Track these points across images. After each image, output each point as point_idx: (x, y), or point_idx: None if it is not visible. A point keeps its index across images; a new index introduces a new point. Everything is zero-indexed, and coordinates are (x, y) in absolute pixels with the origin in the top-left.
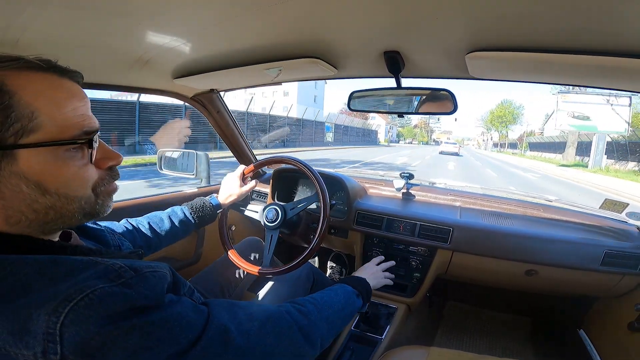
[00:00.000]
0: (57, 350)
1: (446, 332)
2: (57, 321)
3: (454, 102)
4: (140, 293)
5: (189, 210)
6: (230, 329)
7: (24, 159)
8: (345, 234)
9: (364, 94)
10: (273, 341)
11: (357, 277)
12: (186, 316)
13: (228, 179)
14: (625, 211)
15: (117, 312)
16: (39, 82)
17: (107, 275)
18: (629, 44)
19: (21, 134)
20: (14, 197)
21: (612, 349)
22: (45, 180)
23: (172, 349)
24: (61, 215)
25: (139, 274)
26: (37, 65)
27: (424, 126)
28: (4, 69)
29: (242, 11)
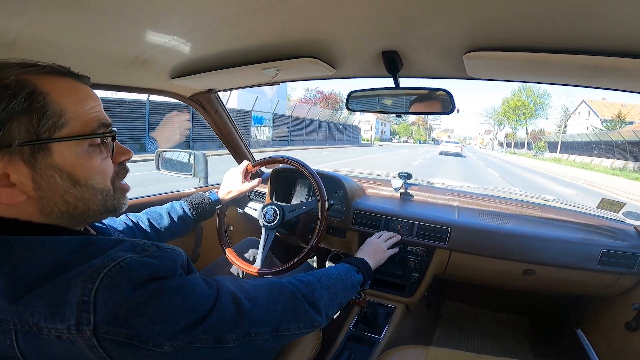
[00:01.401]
0: (90, 321)
1: (444, 331)
2: (92, 287)
3: (452, 102)
4: (163, 264)
5: (188, 206)
6: (240, 297)
7: (57, 152)
8: (344, 233)
9: (361, 94)
10: (281, 308)
11: (356, 257)
12: (200, 285)
13: (230, 174)
14: (622, 211)
15: (144, 279)
16: (63, 85)
17: (134, 249)
18: (628, 43)
19: (53, 129)
20: (49, 188)
21: (609, 349)
22: (75, 172)
23: (192, 316)
24: (87, 208)
25: (160, 249)
26: (58, 70)
27: (422, 123)
28: (33, 73)
29: (240, 11)
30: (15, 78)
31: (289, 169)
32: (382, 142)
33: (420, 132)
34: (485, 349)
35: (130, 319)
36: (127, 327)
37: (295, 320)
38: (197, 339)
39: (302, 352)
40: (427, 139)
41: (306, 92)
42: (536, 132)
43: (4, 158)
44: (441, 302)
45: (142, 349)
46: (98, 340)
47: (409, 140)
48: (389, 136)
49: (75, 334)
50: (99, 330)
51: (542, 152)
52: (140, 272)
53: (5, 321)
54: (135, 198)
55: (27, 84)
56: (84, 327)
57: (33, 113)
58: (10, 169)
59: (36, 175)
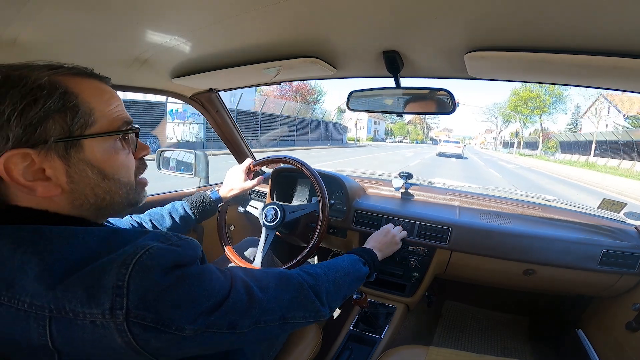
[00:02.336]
0: (123, 305)
1: (445, 331)
2: (125, 272)
3: (453, 102)
4: (185, 252)
5: (189, 206)
6: (252, 286)
7: (88, 148)
8: (344, 233)
9: (362, 94)
10: (289, 296)
11: (364, 247)
12: (215, 273)
13: (233, 171)
14: (623, 211)
15: (170, 266)
16: (90, 85)
17: (158, 238)
18: (629, 43)
19: (85, 127)
20: (81, 181)
21: (609, 349)
22: (104, 166)
23: (210, 302)
24: (113, 201)
25: (181, 239)
26: (83, 71)
27: (419, 122)
28: (62, 74)
29: (241, 10)
30: (48, 79)
31: (290, 169)
32: (372, 142)
33: (417, 132)
34: (485, 349)
35: (156, 303)
36: (154, 311)
37: (301, 309)
38: (214, 324)
39: (303, 352)
40: (424, 139)
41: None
42: (539, 131)
43: (40, 154)
44: (441, 302)
45: (166, 332)
46: (128, 325)
47: (404, 140)
48: (383, 135)
49: (109, 319)
50: (130, 314)
51: (552, 154)
52: (167, 259)
53: (41, 307)
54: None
55: (60, 85)
56: (117, 312)
57: (67, 112)
58: (46, 164)
59: (70, 170)
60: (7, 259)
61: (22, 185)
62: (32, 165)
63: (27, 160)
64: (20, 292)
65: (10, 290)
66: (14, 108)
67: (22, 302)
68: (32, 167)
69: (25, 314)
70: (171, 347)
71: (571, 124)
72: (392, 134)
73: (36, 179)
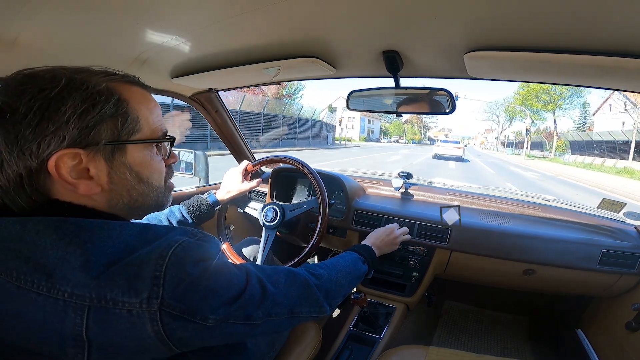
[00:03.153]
0: (159, 294)
1: (444, 331)
2: (162, 263)
3: (453, 102)
4: (211, 247)
5: (186, 210)
6: (264, 280)
7: (130, 152)
8: (344, 233)
9: (362, 94)
10: (296, 292)
11: (365, 245)
12: (233, 268)
13: (230, 173)
14: (622, 211)
15: (198, 259)
16: (137, 94)
17: (186, 234)
18: (629, 43)
19: (131, 133)
20: (120, 183)
21: (609, 348)
22: (141, 171)
23: (230, 293)
24: (144, 203)
25: (204, 234)
26: (132, 79)
27: (417, 121)
28: (116, 81)
29: (240, 10)
30: (106, 85)
31: (290, 169)
32: (364, 143)
33: (414, 131)
34: (485, 349)
35: (186, 294)
36: (183, 301)
37: (307, 304)
38: (233, 315)
39: (303, 352)
40: (422, 139)
41: None
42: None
43: (89, 154)
44: (441, 302)
45: (191, 322)
46: (160, 314)
47: (400, 140)
48: (377, 135)
49: (145, 308)
50: (164, 304)
51: (560, 154)
52: (197, 252)
53: (82, 297)
54: None
55: (115, 92)
56: (153, 301)
57: (118, 118)
58: (92, 164)
59: (111, 171)
60: (49, 249)
61: (68, 182)
62: (80, 164)
63: (76, 159)
64: (60, 281)
65: (50, 280)
66: (74, 110)
67: (63, 291)
68: (79, 166)
69: (64, 304)
70: (195, 337)
71: (579, 122)
72: (387, 134)
73: (80, 178)
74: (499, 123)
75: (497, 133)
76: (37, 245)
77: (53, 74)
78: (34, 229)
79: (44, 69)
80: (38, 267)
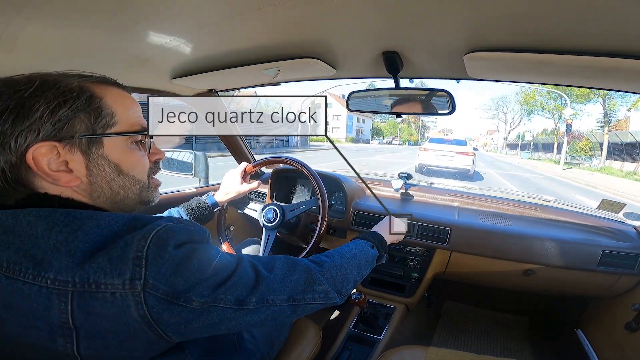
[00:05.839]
0: (142, 275)
1: (444, 331)
2: (144, 244)
3: (452, 102)
4: (196, 231)
5: (184, 212)
6: (258, 265)
7: (108, 145)
8: (344, 234)
9: (362, 95)
10: (295, 277)
11: (371, 231)
12: (224, 254)
13: (229, 175)
14: (622, 211)
15: (183, 241)
16: (113, 92)
17: (172, 220)
18: (628, 44)
19: (106, 127)
20: (99, 175)
21: (609, 349)
22: (121, 163)
23: (217, 277)
24: (126, 196)
25: (193, 223)
26: (108, 80)
27: (414, 121)
28: (90, 81)
29: (241, 11)
30: (78, 84)
31: (290, 169)
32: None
33: (410, 132)
34: (485, 349)
35: (170, 275)
36: (166, 283)
37: (310, 291)
38: (221, 299)
39: (303, 352)
40: (419, 140)
41: None
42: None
43: (65, 147)
44: (441, 302)
45: (175, 304)
46: (144, 296)
47: (394, 141)
48: (368, 136)
49: (128, 289)
50: (147, 285)
51: (587, 159)
52: (181, 235)
53: (65, 282)
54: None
55: (87, 89)
56: (136, 282)
57: (91, 112)
58: (69, 157)
59: (90, 164)
60: (40, 239)
61: (47, 174)
62: (57, 157)
63: (53, 152)
64: (46, 269)
65: (37, 268)
66: (47, 106)
67: (46, 278)
68: (57, 159)
69: (47, 291)
70: (183, 323)
71: (602, 120)
72: (381, 134)
73: (59, 170)
74: (507, 121)
75: (505, 132)
76: (28, 236)
77: (29, 77)
78: (25, 220)
79: (22, 75)
80: (28, 256)
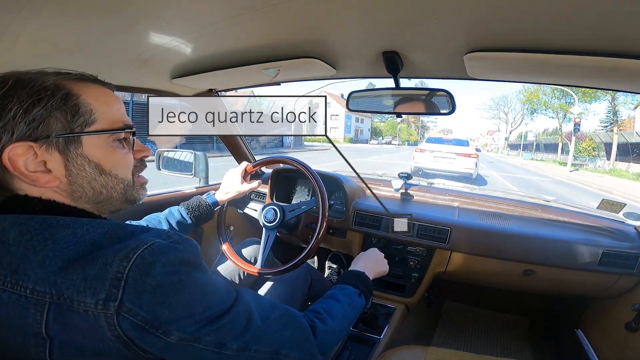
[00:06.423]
0: (118, 297)
1: (444, 332)
2: (127, 265)
3: (452, 102)
4: (187, 250)
5: (185, 211)
6: (253, 311)
7: (87, 144)
8: (344, 234)
9: (362, 94)
10: (289, 334)
11: (357, 272)
12: (221, 288)
13: (229, 174)
14: (622, 211)
15: (172, 262)
16: (93, 89)
17: (160, 236)
18: (628, 44)
19: (84, 125)
20: (79, 175)
21: (609, 349)
22: (102, 162)
23: (205, 314)
24: (110, 195)
25: (182, 237)
26: (87, 77)
27: (414, 121)
28: (66, 79)
29: (241, 11)
30: (53, 82)
31: (290, 169)
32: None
33: (409, 132)
34: (485, 349)
35: (154, 303)
36: (149, 311)
37: (297, 349)
38: (202, 339)
39: None
40: (418, 140)
41: None
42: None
43: (42, 147)
44: (441, 302)
45: (152, 334)
46: (118, 319)
47: (393, 142)
48: (367, 136)
49: (101, 309)
50: (122, 308)
51: (591, 160)
52: (169, 256)
53: (43, 293)
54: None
55: (63, 87)
56: (110, 303)
57: (67, 110)
58: (47, 157)
59: (68, 164)
60: (12, 246)
61: (25, 175)
62: (35, 157)
63: (29, 152)
64: (23, 278)
65: (15, 277)
66: (20, 106)
67: (25, 287)
68: (34, 160)
69: (26, 300)
70: (156, 350)
71: (610, 119)
72: (380, 134)
73: (37, 171)
74: (508, 121)
75: (507, 132)
76: (2, 242)
77: (4, 77)
78: (0, 227)
79: None
80: (3, 263)
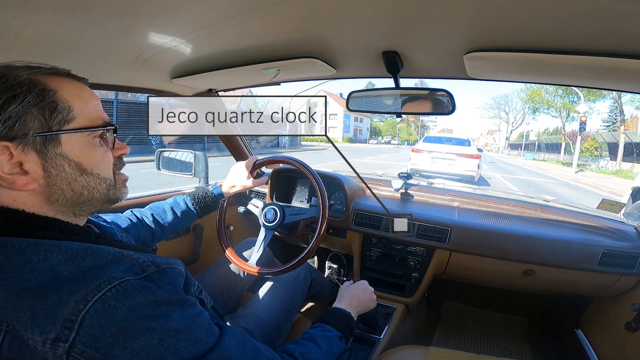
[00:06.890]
0: (69, 339)
1: (444, 332)
2: (83, 309)
3: (452, 102)
4: (161, 287)
5: (191, 201)
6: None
7: (66, 143)
8: (344, 234)
9: (362, 94)
10: None
11: (342, 312)
12: (200, 328)
13: (236, 168)
14: (622, 211)
15: (140, 305)
16: (69, 84)
17: (132, 269)
18: (628, 44)
19: (63, 123)
20: (58, 176)
21: (609, 349)
22: (83, 162)
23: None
24: (92, 196)
25: (159, 269)
26: (61, 71)
27: (413, 121)
28: (40, 74)
29: (240, 11)
30: (27, 77)
31: (290, 169)
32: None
33: (409, 131)
34: (485, 349)
35: (112, 346)
36: (105, 353)
37: None
38: None
39: None
40: (418, 139)
41: None
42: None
43: (18, 147)
44: (441, 302)
45: None
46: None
47: (392, 141)
48: (366, 135)
49: (49, 348)
50: (74, 349)
51: (594, 160)
52: (137, 299)
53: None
54: (136, 198)
55: (39, 82)
56: (60, 344)
57: (45, 107)
58: (24, 158)
59: (47, 164)
60: None
61: (1, 177)
62: (10, 158)
63: (5, 153)
64: None
65: None
66: None
67: None
68: (10, 160)
69: None
70: None
71: (616, 119)
72: (379, 134)
73: (14, 173)
74: (509, 120)
75: (507, 132)
76: None
77: None
78: None
79: None
80: None
